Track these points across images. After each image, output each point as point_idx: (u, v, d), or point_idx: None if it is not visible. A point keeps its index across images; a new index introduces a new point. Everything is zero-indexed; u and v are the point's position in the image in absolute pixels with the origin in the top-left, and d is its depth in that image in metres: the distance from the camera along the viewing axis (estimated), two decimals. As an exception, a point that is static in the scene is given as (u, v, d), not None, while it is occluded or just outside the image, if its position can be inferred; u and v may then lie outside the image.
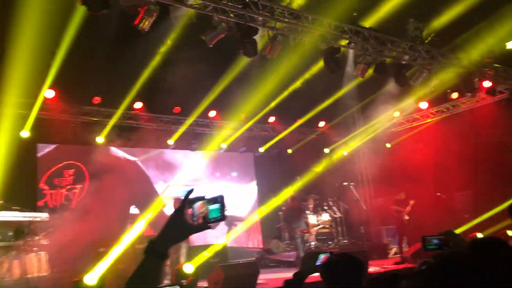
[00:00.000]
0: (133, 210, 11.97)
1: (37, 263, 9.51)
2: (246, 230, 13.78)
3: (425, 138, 13.08)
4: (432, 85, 11.01)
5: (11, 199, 8.38)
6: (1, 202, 7.96)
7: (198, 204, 1.49)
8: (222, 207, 1.45)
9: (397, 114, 13.67)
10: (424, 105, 13.16)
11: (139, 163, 12.56)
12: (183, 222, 1.43)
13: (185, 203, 1.46)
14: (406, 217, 11.34)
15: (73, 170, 11.60)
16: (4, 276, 7.60)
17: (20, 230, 8.01)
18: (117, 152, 12.29)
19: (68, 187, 11.42)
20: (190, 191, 1.48)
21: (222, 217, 1.44)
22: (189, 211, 1.48)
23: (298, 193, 12.72)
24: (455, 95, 12.47)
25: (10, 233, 8.28)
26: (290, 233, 11.70)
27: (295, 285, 2.93)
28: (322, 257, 3.06)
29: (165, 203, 12.37)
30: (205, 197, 1.49)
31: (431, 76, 10.39)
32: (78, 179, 11.61)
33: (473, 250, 2.29)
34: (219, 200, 1.46)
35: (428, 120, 13.53)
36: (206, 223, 1.46)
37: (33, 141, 10.71)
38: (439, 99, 12.86)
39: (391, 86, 11.31)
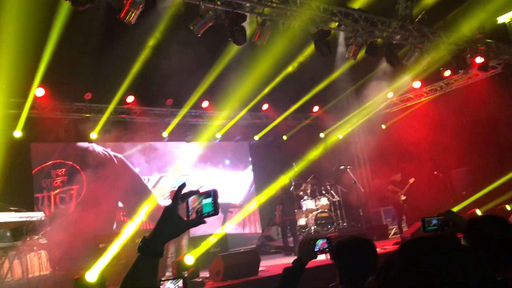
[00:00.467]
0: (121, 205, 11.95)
1: (37, 262, 9.49)
2: (244, 217, 13.80)
3: (420, 118, 13.06)
4: (424, 63, 10.98)
5: (7, 200, 8.32)
6: (-4, 203, 7.90)
7: (191, 199, 1.47)
8: (215, 201, 1.42)
9: (390, 94, 13.63)
10: (417, 84, 13.13)
11: (123, 158, 12.42)
12: (176, 218, 1.40)
13: (177, 198, 1.43)
14: (403, 198, 11.36)
15: (63, 169, 11.46)
16: (5, 277, 7.57)
17: (18, 231, 7.96)
18: (100, 148, 12.15)
19: (61, 189, 11.26)
20: (182, 186, 1.45)
21: (215, 212, 1.41)
22: (183, 206, 1.46)
23: (294, 179, 12.70)
24: (447, 72, 12.47)
25: (8, 234, 8.25)
26: (281, 221, 11.73)
27: (296, 272, 2.92)
28: (320, 242, 3.04)
29: (156, 198, 12.35)
30: (198, 191, 1.46)
31: (423, 55, 10.36)
32: (70, 179, 11.47)
33: (471, 230, 2.27)
34: (212, 194, 1.43)
35: (422, 99, 13.51)
36: (200, 218, 1.43)
37: (26, 140, 10.61)
38: (432, 77, 12.84)
39: (383, 66, 11.27)
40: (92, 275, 6.37)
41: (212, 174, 13.62)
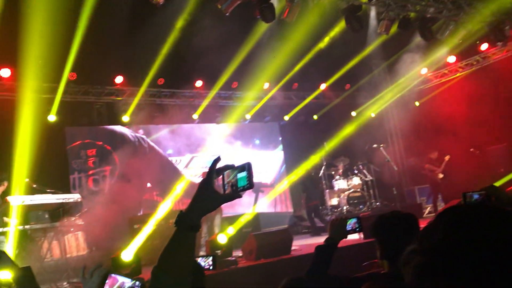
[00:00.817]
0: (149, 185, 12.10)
1: (75, 243, 9.75)
2: (275, 197, 13.80)
3: (455, 93, 12.64)
4: (460, 37, 10.61)
5: (44, 182, 8.53)
6: (35, 186, 8.11)
7: (226, 173, 1.44)
8: (250, 174, 1.38)
9: (424, 70, 13.25)
10: (452, 59, 12.71)
11: (149, 140, 12.55)
12: (212, 192, 1.38)
13: (212, 172, 1.41)
14: (440, 176, 11.13)
15: (94, 150, 11.67)
16: (45, 257, 7.80)
17: (56, 212, 8.18)
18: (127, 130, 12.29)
19: (93, 170, 11.49)
20: (217, 160, 1.43)
21: (250, 185, 1.37)
22: (218, 180, 1.44)
23: (325, 159, 12.58)
24: (484, 46, 11.99)
25: (46, 215, 8.50)
26: (306, 207, 11.70)
27: (328, 250, 2.88)
28: (352, 222, 3.01)
29: (188, 178, 12.45)
30: (233, 165, 1.44)
31: (458, 28, 10.00)
32: (102, 160, 11.67)
33: None
34: (246, 167, 1.40)
35: (457, 75, 13.04)
36: (236, 192, 1.40)
37: (61, 124, 10.82)
38: (468, 51, 12.38)
39: (417, 41, 10.94)
40: (127, 254, 6.49)
41: (243, 154, 13.64)
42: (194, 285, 1.37)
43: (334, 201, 12.54)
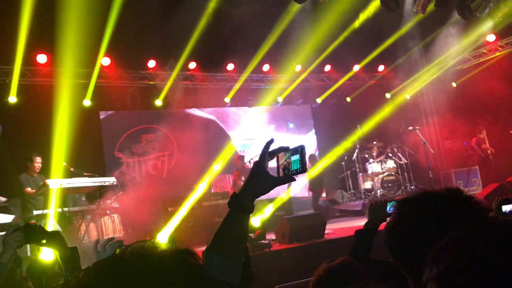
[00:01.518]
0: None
1: (111, 225, 9.97)
2: (308, 181, 13.72)
3: (494, 74, 12.15)
4: (500, 15, 10.16)
5: (81, 166, 8.72)
6: (72, 169, 8.30)
7: (280, 155, 1.42)
8: (303, 158, 1.35)
9: (462, 50, 12.80)
10: (491, 38, 12.21)
11: (217, 121, 12.64)
12: (265, 175, 1.36)
13: (265, 154, 1.38)
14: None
15: (152, 135, 11.86)
16: (82, 238, 8.01)
17: (92, 195, 8.37)
18: (192, 111, 12.41)
19: (152, 155, 11.71)
20: (270, 142, 1.40)
21: (303, 169, 1.34)
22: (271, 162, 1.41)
23: (359, 142, 12.40)
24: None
25: (83, 198, 8.71)
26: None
27: (368, 234, 2.83)
28: (392, 204, 2.94)
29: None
30: (288, 148, 1.41)
31: (499, 5, 9.58)
32: (162, 144, 11.84)
33: None
34: (299, 150, 1.36)
35: (497, 54, 12.51)
36: (289, 175, 1.38)
37: (95, 109, 11.01)
38: (508, 30, 11.85)
39: (455, 19, 10.56)
40: (163, 237, 6.58)
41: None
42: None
43: (367, 185, 12.40)
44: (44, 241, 2.34)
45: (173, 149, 11.89)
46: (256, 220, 7.30)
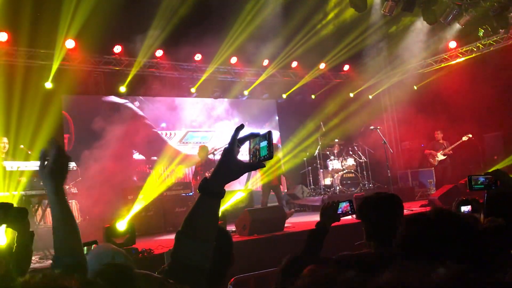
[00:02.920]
0: (138, 156, 12.06)
1: (69, 211, 9.75)
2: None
3: (454, 80, 12.59)
4: (463, 22, 10.53)
5: (39, 149, 8.50)
6: (30, 152, 8.08)
7: (251, 141, 1.42)
8: (270, 145, 1.34)
9: (424, 55, 13.19)
10: (453, 44, 12.63)
11: (132, 106, 12.37)
12: (234, 160, 1.37)
13: (234, 140, 1.39)
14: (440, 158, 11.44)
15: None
16: (39, 224, 7.81)
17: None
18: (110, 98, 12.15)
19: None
20: (240, 128, 1.41)
21: (270, 156, 1.33)
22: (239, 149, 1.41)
23: (321, 139, 12.60)
24: (486, 32, 11.91)
25: (41, 183, 8.48)
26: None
27: (319, 235, 2.91)
28: (343, 205, 3.02)
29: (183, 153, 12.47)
30: (258, 134, 1.40)
31: (462, 13, 9.91)
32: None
33: None
34: (267, 136, 1.36)
35: (457, 60, 12.97)
36: (258, 161, 1.37)
37: (57, 92, 10.72)
38: (469, 37, 12.29)
39: (419, 24, 10.86)
40: (122, 224, 6.52)
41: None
42: (221, 249, 1.39)
43: (327, 181, 12.63)
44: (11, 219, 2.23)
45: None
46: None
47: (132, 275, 1.21)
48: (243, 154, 1.37)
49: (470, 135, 11.29)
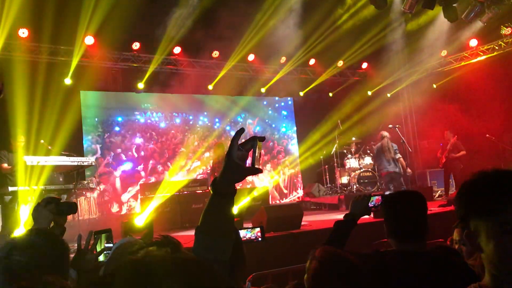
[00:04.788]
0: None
1: (87, 206, 9.88)
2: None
3: (474, 78, 12.41)
4: (485, 19, 10.34)
5: (59, 145, 8.60)
6: (50, 147, 8.18)
7: (248, 146, 1.41)
8: (253, 152, 1.37)
9: (444, 53, 13.01)
10: (474, 42, 12.43)
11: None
12: (234, 164, 1.37)
13: (233, 144, 1.38)
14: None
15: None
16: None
17: (69, 175, 8.25)
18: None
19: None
20: (240, 131, 1.39)
21: (251, 164, 1.37)
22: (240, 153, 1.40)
23: (338, 137, 12.52)
24: (508, 30, 11.70)
25: (61, 179, 8.59)
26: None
27: (347, 226, 2.87)
28: (374, 199, 2.99)
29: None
30: (259, 137, 1.40)
31: (484, 10, 9.74)
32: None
33: None
34: (254, 144, 1.38)
35: (478, 59, 12.77)
36: (253, 166, 1.38)
37: (76, 88, 10.84)
38: (491, 35, 12.08)
39: (440, 21, 10.71)
40: (140, 220, 6.57)
41: (257, 128, 13.71)
42: (233, 252, 1.40)
43: (344, 180, 12.55)
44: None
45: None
46: (234, 209, 7.34)
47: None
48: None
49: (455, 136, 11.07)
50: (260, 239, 4.40)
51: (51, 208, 2.43)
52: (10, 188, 7.00)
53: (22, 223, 6.36)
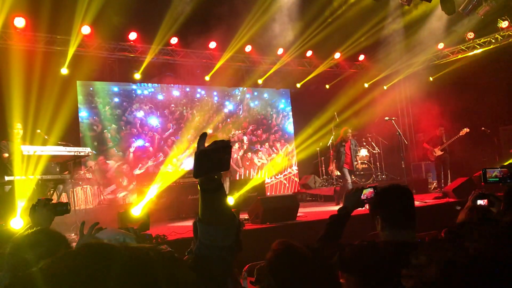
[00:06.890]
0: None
1: (83, 196, 9.90)
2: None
3: (470, 71, 12.44)
4: (482, 12, 10.34)
5: (55, 134, 8.59)
6: (46, 137, 8.16)
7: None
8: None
9: (441, 45, 13.02)
10: (470, 35, 12.44)
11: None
12: (204, 151, 1.34)
13: (198, 147, 1.37)
14: (438, 153, 11.16)
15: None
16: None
17: (66, 165, 8.25)
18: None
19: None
20: (203, 136, 1.39)
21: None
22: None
23: (334, 129, 12.55)
24: (505, 23, 11.71)
25: (58, 169, 8.58)
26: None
27: (342, 219, 2.91)
28: (367, 192, 3.01)
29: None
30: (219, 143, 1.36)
31: (481, 3, 9.75)
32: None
33: None
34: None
35: (475, 52, 12.79)
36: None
37: (72, 78, 10.80)
38: (487, 28, 12.08)
39: (437, 14, 10.71)
40: (136, 210, 6.59)
41: (254, 121, 13.77)
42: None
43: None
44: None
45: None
46: (230, 200, 7.38)
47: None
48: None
49: (467, 129, 11.01)
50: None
51: (50, 208, 2.61)
52: (7, 178, 7.00)
53: (19, 213, 6.36)
